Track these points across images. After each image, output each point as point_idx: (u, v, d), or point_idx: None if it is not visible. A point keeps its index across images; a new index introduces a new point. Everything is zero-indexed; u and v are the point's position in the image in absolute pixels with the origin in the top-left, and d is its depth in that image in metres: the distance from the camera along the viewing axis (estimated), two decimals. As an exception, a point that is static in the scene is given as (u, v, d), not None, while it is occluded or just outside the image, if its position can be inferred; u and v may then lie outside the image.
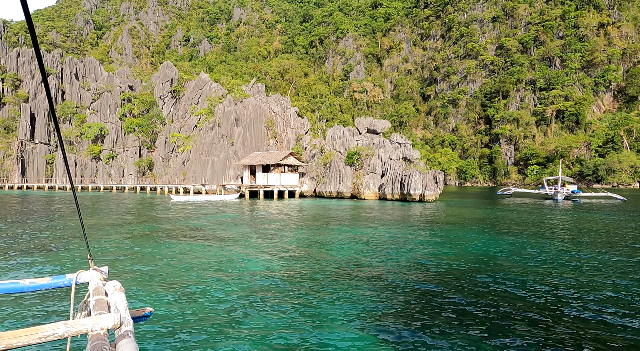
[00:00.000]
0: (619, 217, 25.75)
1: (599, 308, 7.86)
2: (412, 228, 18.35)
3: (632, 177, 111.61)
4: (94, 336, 2.46)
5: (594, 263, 11.71)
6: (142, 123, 57.23)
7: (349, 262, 11.54)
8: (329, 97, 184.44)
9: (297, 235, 16.60)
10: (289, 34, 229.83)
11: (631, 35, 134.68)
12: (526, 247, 14.20)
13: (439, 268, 10.68)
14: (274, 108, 48.03)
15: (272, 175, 37.47)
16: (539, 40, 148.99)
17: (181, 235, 16.31)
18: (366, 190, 38.00)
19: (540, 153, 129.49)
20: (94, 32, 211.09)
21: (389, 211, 25.59)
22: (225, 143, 44.70)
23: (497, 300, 8.25)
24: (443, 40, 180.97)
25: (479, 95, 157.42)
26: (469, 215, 23.19)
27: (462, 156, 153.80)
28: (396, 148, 39.23)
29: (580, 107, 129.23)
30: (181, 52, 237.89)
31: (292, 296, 8.27)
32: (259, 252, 13.00)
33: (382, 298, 8.11)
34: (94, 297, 3.22)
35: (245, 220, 21.14)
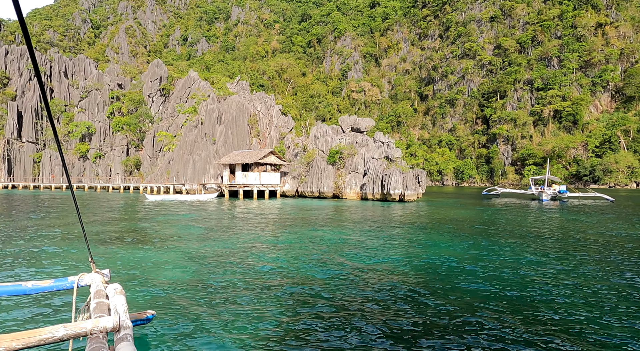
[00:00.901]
0: (599, 218, 25.10)
1: (563, 310, 7.37)
2: (375, 231, 17.72)
3: (629, 178, 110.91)
4: (93, 338, 2.54)
5: (549, 266, 11.09)
6: (130, 122, 56.62)
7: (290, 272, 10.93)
8: (327, 97, 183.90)
9: (254, 238, 15.99)
10: (287, 33, 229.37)
11: (629, 35, 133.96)
12: (483, 250, 13.58)
13: (383, 274, 10.09)
14: (257, 106, 47.34)
15: (252, 175, 36.78)
16: (536, 40, 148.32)
17: (121, 238, 15.67)
18: (348, 189, 37.30)
19: (538, 154, 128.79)
20: (92, 31, 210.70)
21: (364, 212, 24.91)
22: (208, 141, 44.14)
23: (435, 312, 7.65)
24: (441, 40, 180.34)
25: (476, 95, 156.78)
26: (443, 216, 22.53)
27: (460, 156, 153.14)
28: (379, 147, 38.48)
29: (577, 107, 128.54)
30: (179, 51, 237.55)
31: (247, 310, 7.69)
32: (188, 258, 12.38)
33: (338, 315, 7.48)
34: (95, 300, 3.33)
35: (207, 223, 20.50)
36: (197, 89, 52.18)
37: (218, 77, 63.67)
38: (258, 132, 45.82)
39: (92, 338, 2.51)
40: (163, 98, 60.08)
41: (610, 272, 10.56)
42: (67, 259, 11.73)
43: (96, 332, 2.55)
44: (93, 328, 2.55)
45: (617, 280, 9.71)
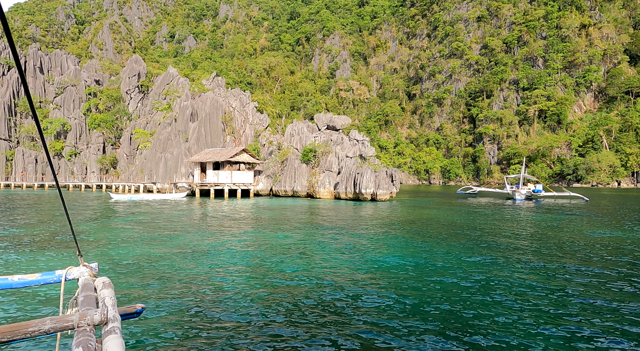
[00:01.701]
0: (566, 218, 25.02)
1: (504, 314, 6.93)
2: (334, 233, 17.27)
3: (611, 177, 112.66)
4: (80, 331, 2.51)
5: (490, 268, 10.70)
6: (106, 119, 55.15)
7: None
8: (315, 95, 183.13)
9: (207, 240, 15.37)
10: (275, 31, 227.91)
11: (611, 37, 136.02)
12: (432, 252, 13.20)
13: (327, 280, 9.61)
14: (232, 103, 46.34)
15: (223, 173, 35.87)
16: (522, 40, 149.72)
17: (40, 241, 14.93)
18: (321, 189, 36.63)
19: (523, 153, 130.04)
20: (76, 27, 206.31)
21: (331, 212, 24.29)
22: (180, 139, 43.13)
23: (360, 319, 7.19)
24: (429, 39, 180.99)
25: (463, 94, 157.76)
26: (410, 216, 22.12)
27: (447, 155, 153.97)
28: (354, 146, 37.90)
29: (561, 107, 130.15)
30: (166, 48, 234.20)
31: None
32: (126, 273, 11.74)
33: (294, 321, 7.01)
34: (83, 293, 3.27)
35: (166, 223, 19.77)
36: (171, 85, 50.99)
37: (198, 73, 62.33)
38: (233, 129, 44.92)
39: (79, 331, 2.49)
40: (142, 95, 58.69)
41: (558, 278, 10.21)
42: (50, 255, 11.30)
43: (83, 325, 2.52)
44: (80, 321, 2.54)
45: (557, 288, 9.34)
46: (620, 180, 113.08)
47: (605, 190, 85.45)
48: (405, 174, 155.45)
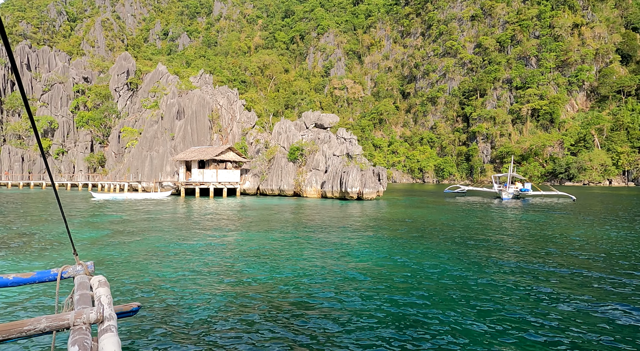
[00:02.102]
0: (548, 217, 24.96)
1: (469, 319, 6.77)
2: (312, 233, 17.02)
3: (602, 175, 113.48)
4: (76, 330, 2.53)
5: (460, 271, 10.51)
6: (94, 117, 54.31)
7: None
8: (310, 94, 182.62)
9: (178, 242, 15.05)
10: (270, 29, 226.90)
11: (603, 36, 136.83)
12: (409, 254, 13.01)
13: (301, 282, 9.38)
14: (219, 100, 45.76)
15: (208, 172, 35.35)
16: (515, 39, 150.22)
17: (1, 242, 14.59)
18: (308, 187, 36.19)
19: (516, 152, 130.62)
20: (68, 24, 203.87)
21: (316, 211, 23.89)
22: (167, 137, 42.55)
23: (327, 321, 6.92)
24: (423, 38, 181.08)
25: (457, 93, 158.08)
26: (394, 216, 21.84)
27: (440, 154, 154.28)
28: (341, 144, 37.56)
29: (554, 106, 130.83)
30: (159, 46, 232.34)
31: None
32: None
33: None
34: (79, 292, 3.32)
35: (142, 223, 19.38)
36: (158, 82, 50.20)
37: (189, 71, 61.60)
38: (220, 127, 44.38)
39: (75, 329, 2.50)
40: (131, 92, 57.93)
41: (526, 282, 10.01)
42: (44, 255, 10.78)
43: (79, 324, 2.53)
44: (76, 319, 2.55)
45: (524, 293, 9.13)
46: (612, 179, 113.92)
47: (597, 189, 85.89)
48: (400, 173, 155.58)
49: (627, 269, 10.62)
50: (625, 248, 13.79)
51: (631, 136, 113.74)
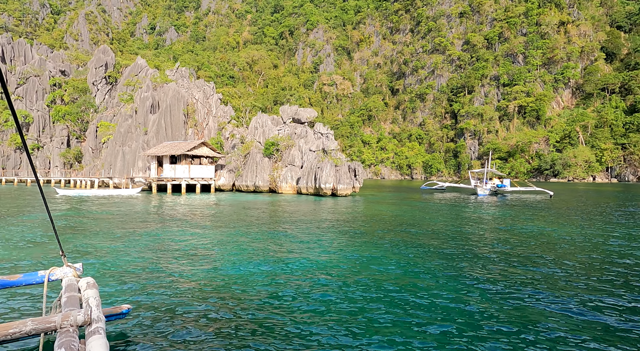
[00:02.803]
0: (520, 213, 24.87)
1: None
2: (269, 231, 16.61)
3: (586, 172, 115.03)
4: (63, 332, 2.51)
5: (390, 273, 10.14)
6: (71, 111, 52.84)
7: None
8: (299, 90, 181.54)
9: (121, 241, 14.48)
10: (259, 24, 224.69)
11: (589, 34, 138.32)
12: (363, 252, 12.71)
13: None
14: (195, 94, 44.78)
15: (180, 167, 34.43)
16: (503, 36, 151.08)
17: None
18: (283, 183, 35.52)
19: (503, 148, 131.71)
20: (51, 17, 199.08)
21: (285, 208, 23.07)
22: (140, 132, 41.53)
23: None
24: (412, 35, 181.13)
25: (445, 90, 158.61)
26: (363, 213, 21.26)
27: (429, 150, 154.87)
28: (318, 139, 36.98)
29: (540, 103, 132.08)
30: (146, 40, 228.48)
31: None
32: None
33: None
34: (66, 294, 3.29)
35: (96, 222, 18.67)
36: (132, 76, 48.90)
37: (169, 64, 60.17)
38: (195, 122, 43.46)
39: (62, 332, 2.42)
40: (109, 86, 56.50)
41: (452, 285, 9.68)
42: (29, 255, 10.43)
43: (66, 326, 2.46)
44: (63, 321, 2.49)
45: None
46: (595, 175, 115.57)
47: (581, 185, 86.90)
48: (388, 169, 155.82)
49: (572, 265, 10.38)
50: (578, 245, 13.62)
51: (614, 133, 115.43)
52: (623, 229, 16.80)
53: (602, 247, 12.61)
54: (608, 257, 11.24)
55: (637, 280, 8.74)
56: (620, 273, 9.38)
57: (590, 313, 6.66)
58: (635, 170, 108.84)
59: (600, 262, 10.49)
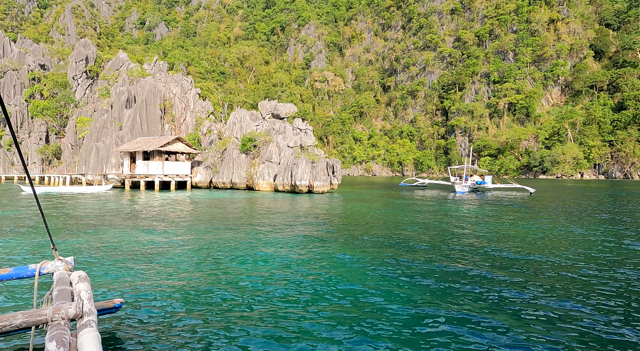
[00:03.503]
0: (492, 212, 24.61)
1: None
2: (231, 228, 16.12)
3: (574, 169, 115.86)
4: (54, 325, 2.50)
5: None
6: (50, 106, 51.53)
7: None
8: (290, 86, 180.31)
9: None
10: (250, 20, 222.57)
11: (578, 32, 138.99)
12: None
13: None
14: (173, 89, 43.79)
15: (153, 163, 33.47)
16: (494, 33, 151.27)
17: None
18: (260, 180, 34.70)
19: (492, 145, 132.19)
20: (38, 11, 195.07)
21: (256, 206, 22.23)
22: (115, 127, 40.54)
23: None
24: (403, 31, 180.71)
25: (436, 87, 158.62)
26: (334, 211, 20.59)
27: (420, 147, 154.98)
28: (296, 135, 36.26)
29: (530, 100, 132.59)
30: (136, 35, 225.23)
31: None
32: None
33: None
34: (57, 287, 3.27)
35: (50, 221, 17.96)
36: (108, 70, 47.71)
37: (152, 58, 58.85)
38: (172, 117, 42.51)
39: (53, 325, 2.41)
40: (90, 81, 55.25)
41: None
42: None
43: (57, 319, 2.45)
44: (54, 315, 2.47)
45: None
46: (583, 172, 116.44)
47: (569, 182, 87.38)
48: (379, 166, 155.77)
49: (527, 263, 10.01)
50: (533, 241, 13.31)
51: (602, 130, 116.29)
52: (583, 228, 16.53)
53: (556, 243, 12.30)
54: (552, 254, 10.90)
55: (577, 276, 8.41)
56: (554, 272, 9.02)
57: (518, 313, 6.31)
58: (622, 167, 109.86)
59: (545, 260, 10.15)
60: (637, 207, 25.39)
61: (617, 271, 8.91)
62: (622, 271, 8.94)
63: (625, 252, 11.01)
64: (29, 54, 62.93)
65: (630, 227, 16.00)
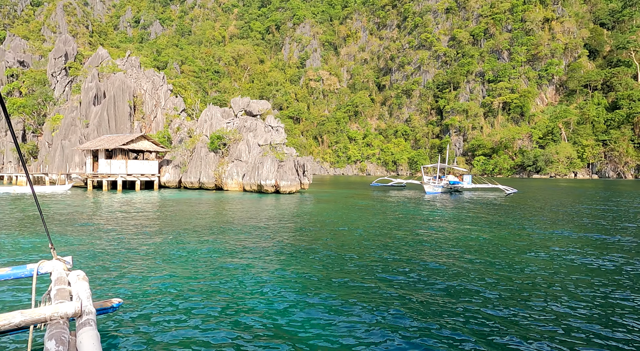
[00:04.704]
0: (455, 215, 23.73)
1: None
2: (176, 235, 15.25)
3: (568, 168, 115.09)
4: (53, 324, 2.50)
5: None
6: (26, 104, 50.36)
7: None
8: (285, 85, 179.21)
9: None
10: (245, 18, 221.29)
11: (572, 31, 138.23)
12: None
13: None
14: (144, 85, 42.60)
15: (116, 162, 32.24)
16: (488, 32, 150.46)
17: None
18: (229, 180, 33.41)
19: (487, 144, 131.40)
20: (31, 9, 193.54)
21: (214, 207, 21.02)
22: (81, 124, 39.39)
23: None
24: (399, 30, 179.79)
25: (431, 86, 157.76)
26: (292, 212, 19.80)
27: (414, 146, 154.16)
28: (267, 132, 35.10)
29: (524, 99, 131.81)
30: (131, 34, 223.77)
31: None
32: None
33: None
34: (56, 287, 3.21)
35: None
36: (89, 66, 46.54)
37: (134, 55, 57.57)
38: (143, 114, 41.35)
39: (52, 324, 2.42)
40: (70, 78, 54.05)
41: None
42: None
43: (56, 318, 2.47)
44: (53, 314, 2.48)
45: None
46: (577, 171, 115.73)
47: (562, 181, 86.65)
48: (374, 165, 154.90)
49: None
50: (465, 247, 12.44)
51: (596, 129, 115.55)
52: (536, 234, 15.64)
53: (492, 250, 11.45)
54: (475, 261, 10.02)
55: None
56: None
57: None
58: (615, 166, 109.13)
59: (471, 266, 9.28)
60: (606, 212, 24.49)
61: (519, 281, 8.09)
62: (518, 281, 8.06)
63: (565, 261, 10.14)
64: (9, 50, 61.77)
65: (585, 235, 15.12)
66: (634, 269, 9.06)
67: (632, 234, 14.08)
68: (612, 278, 8.28)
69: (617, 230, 14.88)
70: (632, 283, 7.93)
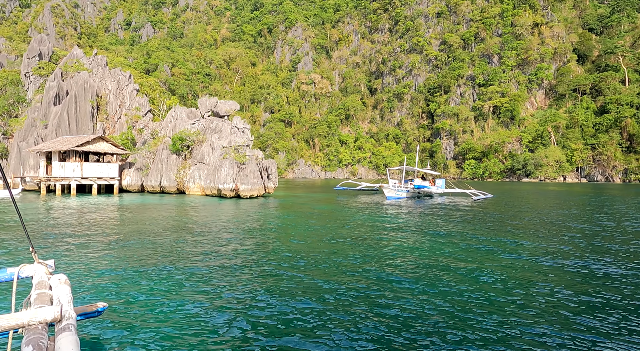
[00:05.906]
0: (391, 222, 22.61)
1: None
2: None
3: (557, 172, 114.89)
4: (31, 329, 2.45)
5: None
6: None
7: None
8: (276, 88, 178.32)
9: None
10: (237, 21, 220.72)
11: (562, 36, 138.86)
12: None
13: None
14: (108, 84, 41.32)
15: (70, 165, 30.83)
16: (479, 37, 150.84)
17: None
18: (191, 184, 32.10)
19: (477, 148, 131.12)
20: (20, 10, 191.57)
21: (162, 213, 19.58)
22: (40, 125, 38.02)
23: None
24: (390, 34, 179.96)
25: (422, 89, 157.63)
26: (239, 218, 18.66)
27: (406, 150, 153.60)
28: (232, 134, 33.90)
29: (515, 103, 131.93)
30: (122, 36, 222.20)
31: None
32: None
33: None
34: (36, 291, 3.12)
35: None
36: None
37: (111, 56, 56.38)
38: (107, 115, 40.03)
39: (30, 329, 2.37)
40: (44, 78, 52.62)
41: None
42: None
43: (34, 323, 2.41)
44: (31, 319, 2.41)
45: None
46: (566, 175, 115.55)
47: (551, 185, 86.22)
48: (365, 169, 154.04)
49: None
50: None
51: (585, 133, 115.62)
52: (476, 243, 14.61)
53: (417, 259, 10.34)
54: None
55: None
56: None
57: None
58: (603, 170, 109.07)
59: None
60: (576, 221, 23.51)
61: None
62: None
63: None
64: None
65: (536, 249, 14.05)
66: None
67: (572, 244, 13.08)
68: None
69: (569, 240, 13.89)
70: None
